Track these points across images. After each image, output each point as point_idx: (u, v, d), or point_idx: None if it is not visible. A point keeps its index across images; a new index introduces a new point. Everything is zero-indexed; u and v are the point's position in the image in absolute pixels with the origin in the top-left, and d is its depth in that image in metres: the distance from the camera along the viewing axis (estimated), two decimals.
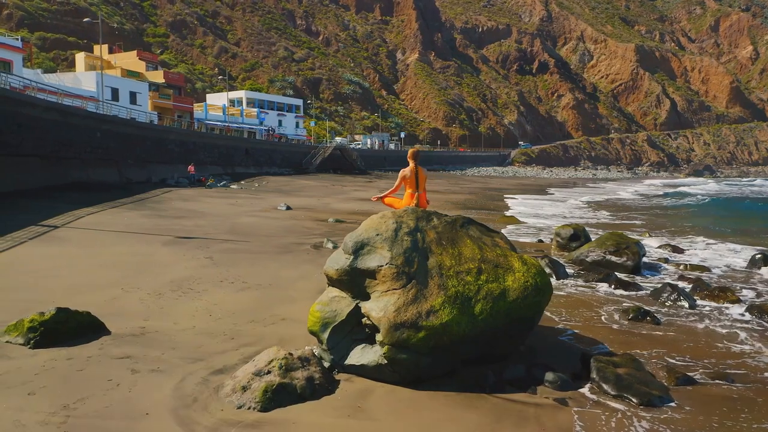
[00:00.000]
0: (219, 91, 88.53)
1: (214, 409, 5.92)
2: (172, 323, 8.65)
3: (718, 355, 8.24)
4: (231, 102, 78.11)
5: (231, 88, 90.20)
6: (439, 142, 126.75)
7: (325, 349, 7.03)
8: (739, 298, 11.45)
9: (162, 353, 7.36)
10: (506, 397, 6.50)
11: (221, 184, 41.38)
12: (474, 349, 6.90)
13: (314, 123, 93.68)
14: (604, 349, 8.17)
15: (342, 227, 20.95)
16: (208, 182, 40.84)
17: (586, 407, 6.29)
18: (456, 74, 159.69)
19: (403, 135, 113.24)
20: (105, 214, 21.72)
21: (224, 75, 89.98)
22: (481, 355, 7.08)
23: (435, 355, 6.64)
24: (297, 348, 7.18)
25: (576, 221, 24.70)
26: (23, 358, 7.03)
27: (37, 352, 7.24)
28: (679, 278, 13.71)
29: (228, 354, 7.45)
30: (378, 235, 7.15)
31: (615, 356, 7.52)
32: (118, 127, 38.69)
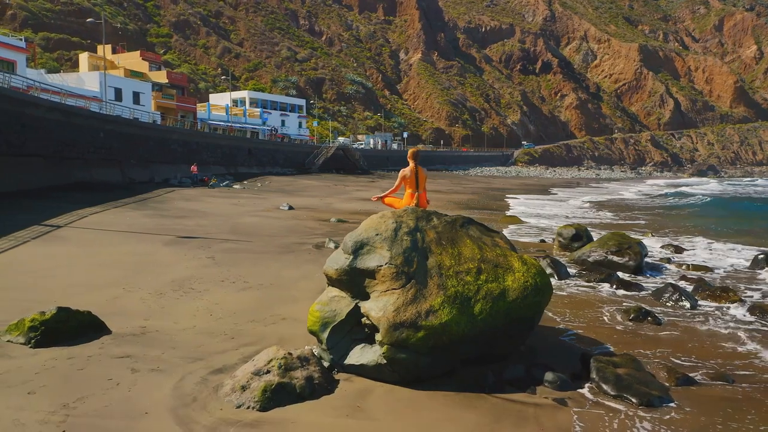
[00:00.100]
0: (222, 91, 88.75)
1: (213, 409, 5.93)
2: (172, 323, 8.67)
3: (719, 355, 8.21)
4: (234, 102, 78.28)
5: (234, 88, 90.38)
6: (442, 142, 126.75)
7: (325, 349, 7.03)
8: (741, 299, 11.40)
9: (162, 353, 7.38)
10: (505, 397, 6.49)
11: (224, 184, 41.44)
12: (473, 349, 6.90)
13: (317, 123, 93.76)
14: (605, 349, 8.15)
15: (344, 227, 20.95)
16: (211, 182, 40.91)
17: (585, 407, 6.28)
18: (459, 74, 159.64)
19: (406, 135, 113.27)
20: (107, 213, 21.78)
21: (227, 75, 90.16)
22: (481, 355, 7.07)
23: (434, 355, 6.63)
24: (297, 348, 7.18)
25: (578, 221, 24.67)
26: (24, 358, 7.06)
27: (37, 352, 7.27)
28: (681, 278, 13.66)
29: (228, 353, 7.45)
30: (377, 234, 7.15)
31: (615, 356, 7.49)
32: (121, 127, 38.79)
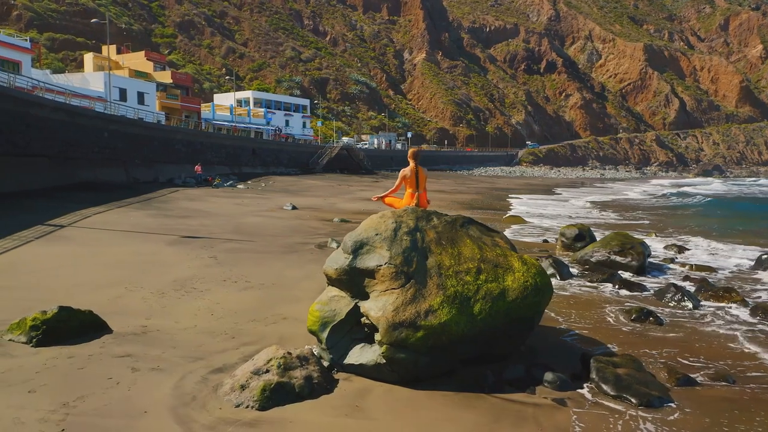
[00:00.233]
0: (226, 91, 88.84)
1: (213, 408, 5.95)
2: (173, 322, 8.69)
3: (720, 356, 8.18)
4: (238, 102, 78.38)
5: (238, 89, 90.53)
6: (446, 142, 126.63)
7: (325, 349, 7.04)
8: (744, 299, 11.35)
9: (162, 352, 7.40)
10: (505, 397, 6.49)
11: (228, 183, 41.52)
12: (473, 348, 6.89)
13: (321, 123, 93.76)
14: (605, 349, 8.13)
15: (347, 227, 20.96)
16: (215, 182, 40.99)
17: (584, 407, 6.27)
18: (463, 74, 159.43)
19: (410, 135, 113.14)
20: (111, 213, 21.84)
21: (232, 75, 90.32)
22: (481, 355, 7.06)
23: (433, 355, 6.64)
24: (297, 347, 7.19)
25: (582, 221, 24.60)
26: (25, 357, 7.09)
27: (39, 351, 7.30)
28: (684, 279, 13.62)
29: (228, 353, 7.47)
30: (377, 234, 7.16)
31: (615, 356, 7.48)
32: (126, 128, 38.90)
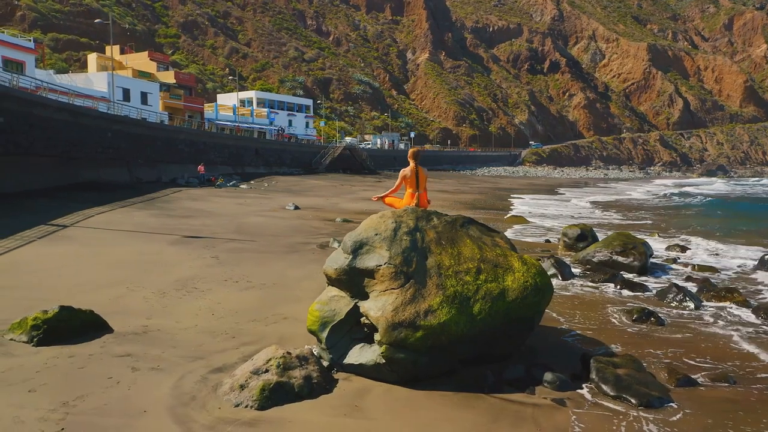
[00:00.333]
0: (230, 91, 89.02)
1: (212, 408, 5.95)
2: (174, 322, 8.71)
3: (721, 356, 8.15)
4: (241, 102, 78.47)
5: (241, 89, 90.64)
6: (449, 142, 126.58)
7: (324, 348, 7.04)
8: (746, 299, 11.30)
9: (163, 351, 7.42)
10: (504, 397, 6.48)
11: (231, 183, 41.58)
12: (472, 348, 6.89)
13: (324, 123, 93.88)
14: (606, 349, 8.11)
15: (349, 227, 20.95)
16: (218, 182, 41.06)
17: (583, 408, 6.25)
18: (466, 74, 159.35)
19: (413, 135, 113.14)
20: (114, 213, 21.90)
21: (235, 75, 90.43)
22: (480, 355, 7.05)
23: (433, 355, 6.63)
24: (297, 347, 7.20)
25: (585, 221, 24.55)
26: (26, 356, 7.11)
27: (39, 350, 7.32)
28: (687, 279, 13.58)
29: (228, 353, 7.48)
30: (377, 234, 7.16)
31: (615, 357, 7.46)
32: (129, 128, 38.99)
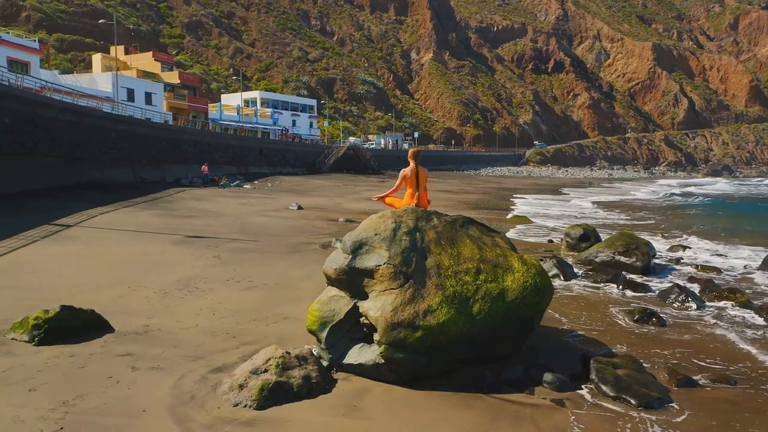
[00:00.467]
0: (234, 91, 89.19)
1: (211, 407, 5.97)
2: (175, 321, 8.73)
3: (723, 357, 8.12)
4: (245, 102, 78.64)
5: (245, 89, 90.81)
6: (453, 142, 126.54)
7: (324, 348, 7.05)
8: (749, 300, 11.25)
9: (163, 351, 7.44)
10: (503, 397, 6.47)
11: (234, 183, 41.66)
12: (472, 349, 6.88)
13: (328, 123, 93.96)
14: (606, 350, 8.08)
15: (352, 227, 20.82)
16: (222, 182, 41.14)
17: (583, 408, 6.24)
18: (470, 74, 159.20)
19: (417, 135, 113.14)
20: (118, 213, 21.97)
21: (239, 75, 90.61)
22: (480, 356, 7.05)
23: (432, 355, 6.63)
24: (296, 347, 7.21)
25: (588, 221, 24.48)
26: (27, 355, 7.14)
27: (41, 349, 7.35)
28: (689, 279, 13.53)
29: (228, 352, 7.50)
30: (376, 234, 7.16)
31: (615, 357, 7.44)
32: (133, 128, 39.11)
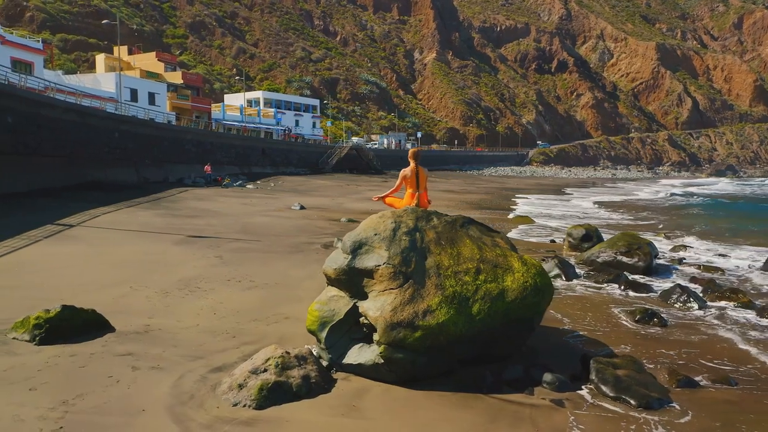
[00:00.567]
0: (237, 91, 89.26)
1: (210, 407, 5.98)
2: (176, 321, 8.75)
3: (723, 357, 8.10)
4: (248, 102, 78.70)
5: (249, 89, 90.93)
6: (456, 142, 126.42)
7: (323, 348, 7.06)
8: (751, 301, 11.22)
9: (163, 351, 7.45)
10: (503, 397, 6.47)
11: (237, 183, 41.70)
12: (471, 349, 6.88)
13: (331, 123, 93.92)
14: (607, 350, 8.07)
15: (354, 227, 20.87)
16: (224, 182, 41.18)
17: (582, 409, 6.23)
18: (474, 74, 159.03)
19: (420, 135, 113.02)
20: (120, 213, 22.02)
21: (242, 75, 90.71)
22: (480, 356, 7.05)
23: (431, 355, 6.63)
24: (296, 347, 7.21)
25: (590, 221, 24.43)
26: (28, 355, 7.16)
27: (41, 349, 7.38)
28: (691, 279, 13.50)
29: (228, 352, 7.51)
30: (376, 234, 7.17)
31: (616, 358, 7.43)
32: (136, 128, 39.19)
